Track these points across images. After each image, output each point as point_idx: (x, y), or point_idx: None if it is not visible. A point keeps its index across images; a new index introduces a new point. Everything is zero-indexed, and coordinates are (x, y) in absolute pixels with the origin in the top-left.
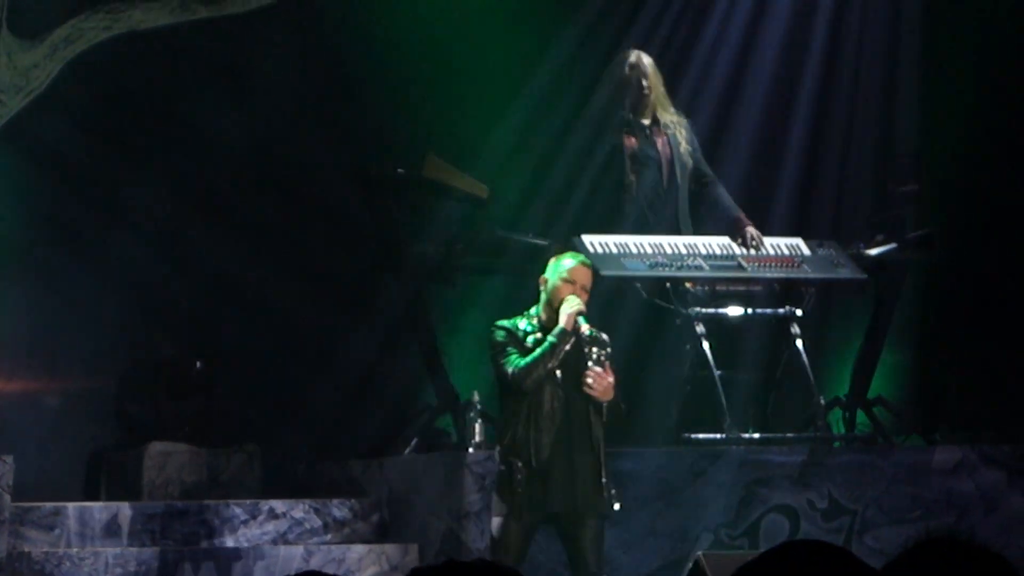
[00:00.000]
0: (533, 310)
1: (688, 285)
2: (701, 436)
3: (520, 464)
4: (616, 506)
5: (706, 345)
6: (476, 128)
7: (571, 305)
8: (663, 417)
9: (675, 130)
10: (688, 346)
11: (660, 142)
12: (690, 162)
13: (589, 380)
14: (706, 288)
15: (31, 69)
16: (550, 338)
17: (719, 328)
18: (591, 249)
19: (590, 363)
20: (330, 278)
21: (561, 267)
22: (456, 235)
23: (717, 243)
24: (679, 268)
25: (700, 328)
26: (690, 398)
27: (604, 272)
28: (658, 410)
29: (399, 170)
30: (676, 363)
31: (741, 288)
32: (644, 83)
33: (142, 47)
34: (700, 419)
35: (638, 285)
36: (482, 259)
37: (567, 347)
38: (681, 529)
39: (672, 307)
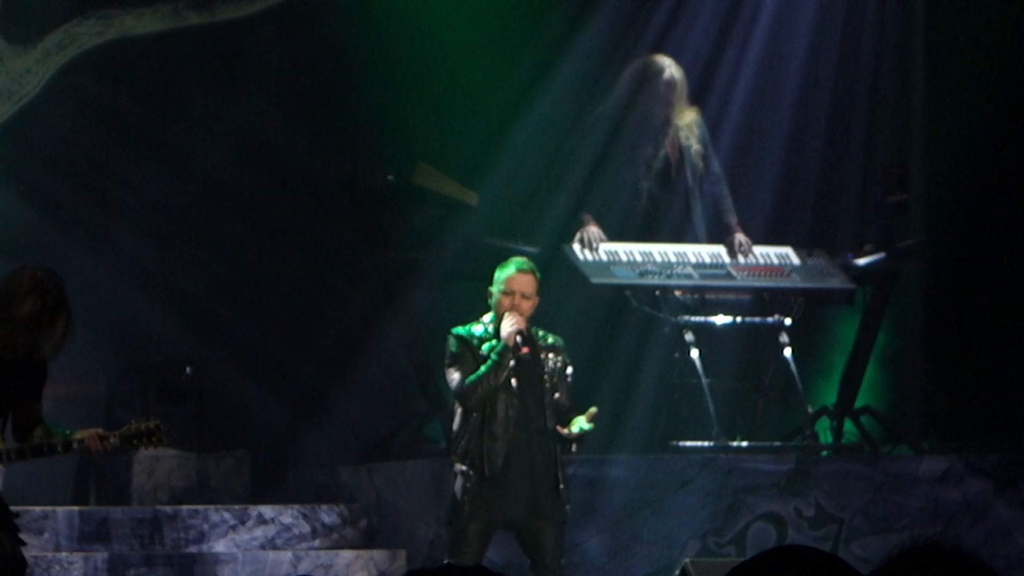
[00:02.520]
0: (488, 316)
1: (677, 293)
2: (688, 444)
3: (472, 473)
4: (567, 507)
5: (694, 353)
6: (466, 134)
7: (509, 324)
8: (650, 424)
9: (688, 132)
10: (676, 354)
11: (671, 145)
12: (700, 164)
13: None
14: (695, 296)
15: (23, 75)
16: (492, 355)
17: (708, 336)
18: (581, 257)
19: (547, 369)
20: (319, 282)
21: (499, 277)
22: (444, 242)
23: (707, 252)
24: (668, 276)
25: (689, 336)
26: (678, 406)
27: (594, 280)
28: (645, 417)
29: (389, 177)
30: (664, 371)
31: (730, 297)
32: (673, 97)
33: (133, 53)
34: (688, 427)
35: (627, 293)
36: (471, 266)
37: (510, 363)
38: (668, 536)
39: (661, 315)
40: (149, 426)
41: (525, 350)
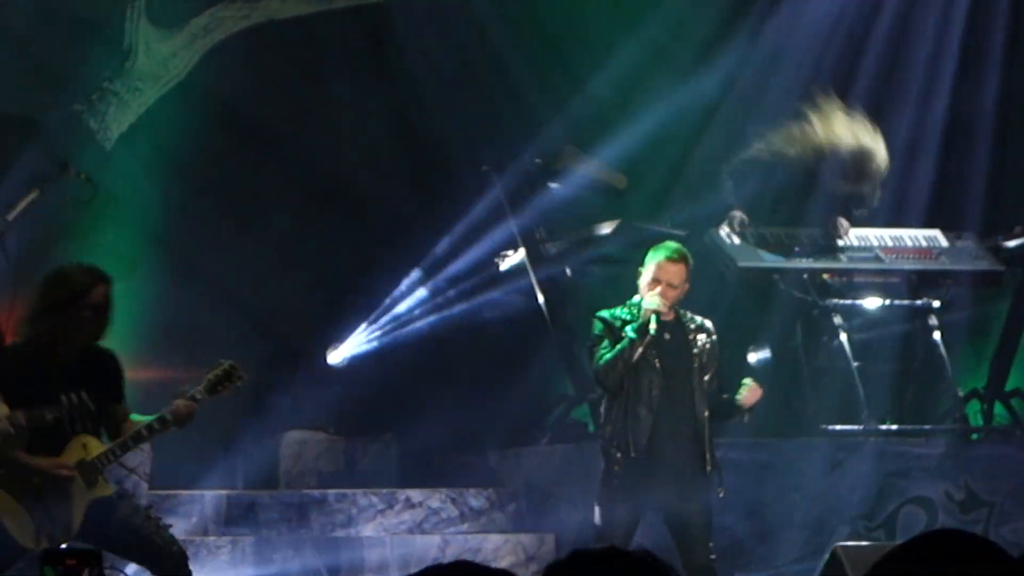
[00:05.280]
0: (636, 299)
1: (825, 276)
2: (838, 427)
3: (619, 455)
4: (720, 493)
5: (843, 336)
6: (616, 116)
7: (648, 304)
8: (800, 408)
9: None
10: (825, 337)
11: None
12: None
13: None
14: (844, 279)
15: (169, 58)
16: (629, 333)
17: (857, 319)
18: (728, 241)
19: (695, 351)
20: (465, 268)
21: (649, 262)
22: (592, 225)
23: (855, 234)
24: (817, 259)
25: (838, 319)
26: (827, 389)
27: (741, 263)
28: (795, 401)
29: (536, 160)
30: (813, 355)
31: (879, 279)
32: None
33: (279, 36)
34: (837, 410)
35: (775, 276)
36: (620, 249)
37: (647, 339)
38: (818, 521)
39: (809, 298)
40: (225, 368)
41: (661, 319)
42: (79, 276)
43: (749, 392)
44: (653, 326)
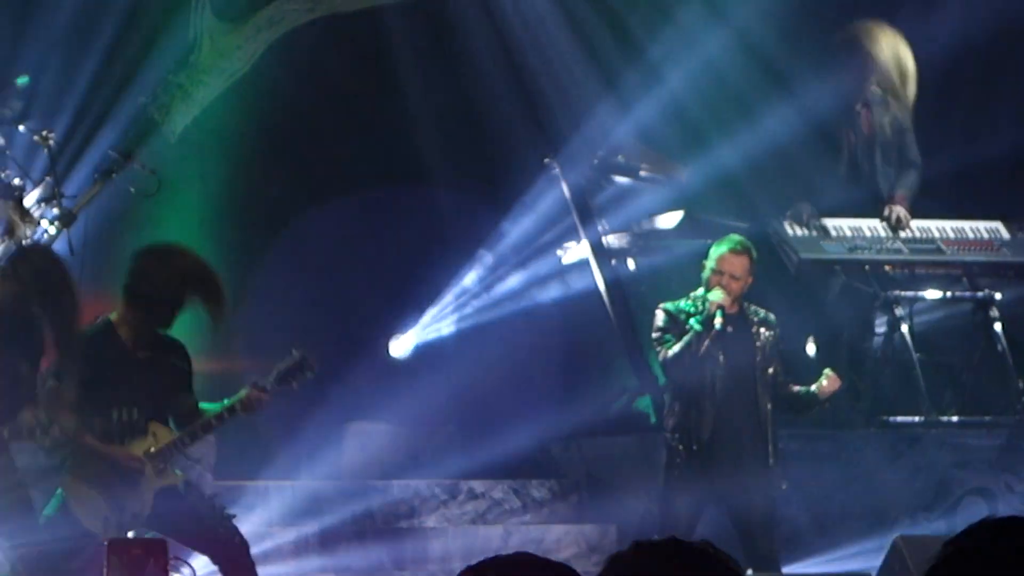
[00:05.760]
0: (699, 291)
1: (887, 268)
2: (899, 419)
3: (681, 447)
4: (783, 485)
5: (904, 328)
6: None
7: (713, 297)
8: (861, 399)
9: (882, 108)
10: (887, 329)
11: (865, 119)
12: (894, 138)
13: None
14: (905, 271)
15: (234, 51)
16: (694, 326)
17: (917, 311)
18: (791, 232)
19: (758, 345)
20: (527, 260)
21: (712, 255)
22: (655, 217)
23: (916, 226)
24: (878, 251)
25: (899, 311)
26: (888, 381)
27: (804, 255)
28: (856, 393)
29: (599, 152)
30: (875, 346)
31: (940, 271)
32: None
33: (343, 28)
34: (898, 402)
35: (837, 268)
36: (683, 241)
37: (712, 332)
38: (878, 512)
39: (870, 289)
40: (296, 359)
41: (725, 312)
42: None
43: (828, 382)
44: (719, 320)
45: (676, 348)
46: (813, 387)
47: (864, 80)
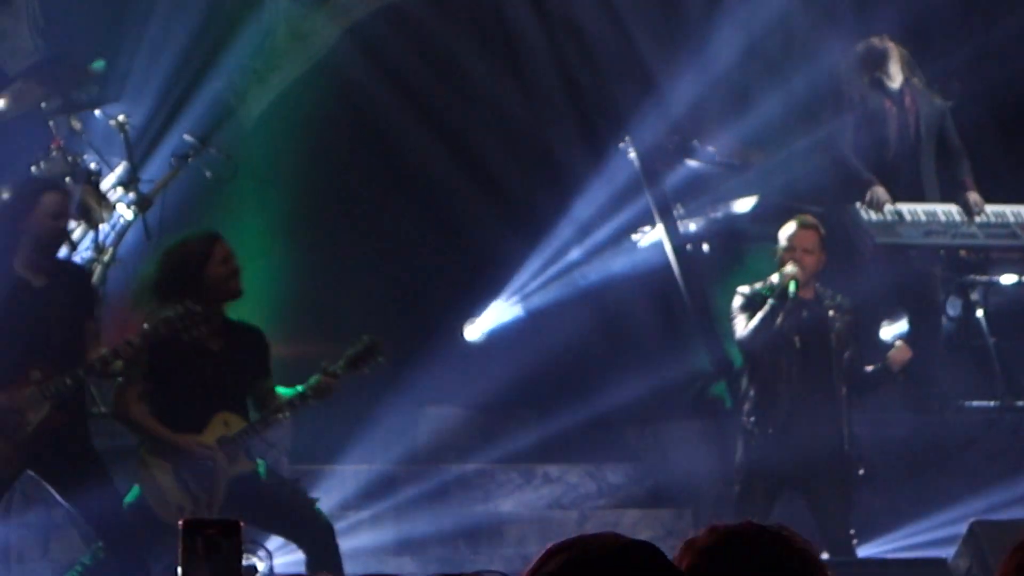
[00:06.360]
0: (775, 276)
1: (962, 253)
2: (974, 403)
3: (756, 431)
4: (860, 471)
5: (980, 312)
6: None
7: (788, 270)
8: (936, 385)
9: (923, 94)
10: (962, 314)
11: (909, 102)
12: (936, 123)
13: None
14: (980, 255)
15: (309, 37)
16: (770, 301)
17: (993, 295)
18: (866, 217)
19: (834, 329)
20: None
21: (783, 235)
22: (730, 202)
23: (991, 211)
24: (953, 236)
25: (973, 295)
26: (964, 366)
27: (879, 239)
28: (931, 377)
29: (674, 136)
30: (949, 331)
31: (1015, 256)
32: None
33: (413, 16)
34: (973, 386)
35: (912, 253)
36: (758, 225)
37: (785, 311)
38: (953, 497)
39: (946, 274)
40: (366, 344)
41: (800, 297)
42: (196, 242)
43: (898, 351)
44: (792, 289)
45: (754, 321)
46: (887, 358)
47: (889, 61)
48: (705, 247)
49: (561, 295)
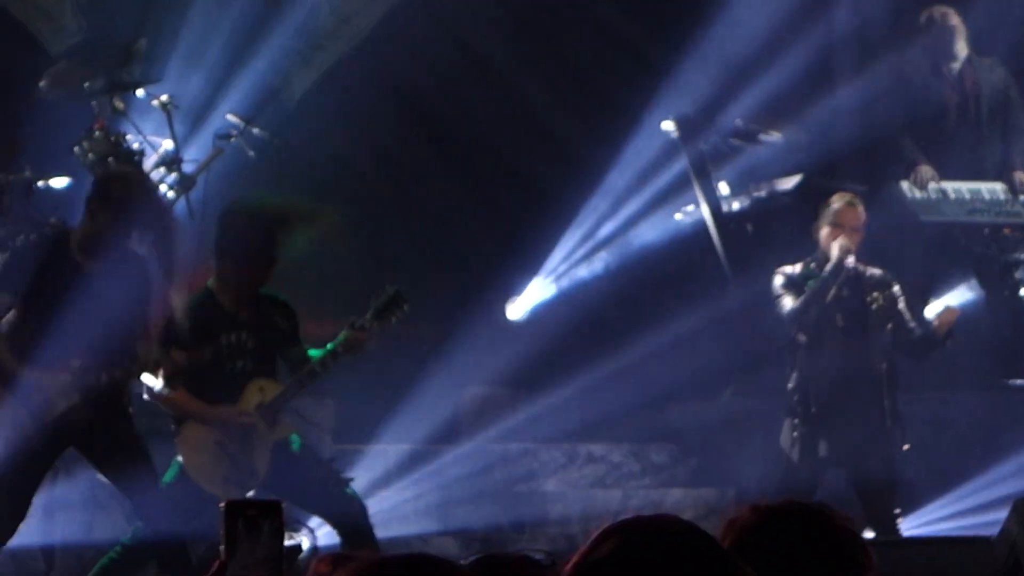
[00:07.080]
0: (817, 255)
1: (1006, 231)
2: (1019, 381)
3: (800, 409)
4: (905, 447)
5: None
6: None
7: (840, 245)
8: (981, 362)
9: (986, 70)
10: (1006, 292)
11: (970, 84)
12: (1000, 101)
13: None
14: None
15: (352, 17)
16: (823, 275)
17: None
18: (910, 195)
19: (874, 307)
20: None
21: (827, 212)
22: (774, 181)
23: None
24: (998, 214)
25: (1018, 274)
26: (1008, 344)
27: (923, 217)
28: (976, 355)
29: (718, 118)
30: (993, 309)
31: None
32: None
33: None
34: (1019, 364)
35: (956, 231)
36: (801, 205)
37: (836, 286)
38: (998, 474)
39: (990, 253)
40: (391, 294)
41: (850, 262)
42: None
43: (944, 314)
44: (851, 260)
45: (805, 296)
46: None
47: (952, 39)
48: (748, 226)
49: (606, 275)
